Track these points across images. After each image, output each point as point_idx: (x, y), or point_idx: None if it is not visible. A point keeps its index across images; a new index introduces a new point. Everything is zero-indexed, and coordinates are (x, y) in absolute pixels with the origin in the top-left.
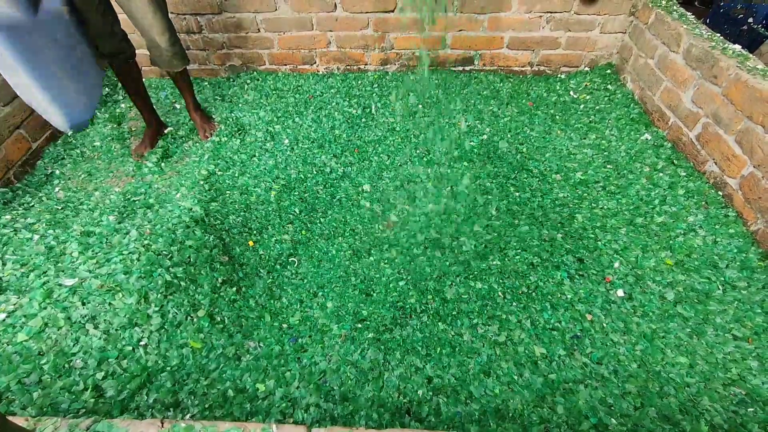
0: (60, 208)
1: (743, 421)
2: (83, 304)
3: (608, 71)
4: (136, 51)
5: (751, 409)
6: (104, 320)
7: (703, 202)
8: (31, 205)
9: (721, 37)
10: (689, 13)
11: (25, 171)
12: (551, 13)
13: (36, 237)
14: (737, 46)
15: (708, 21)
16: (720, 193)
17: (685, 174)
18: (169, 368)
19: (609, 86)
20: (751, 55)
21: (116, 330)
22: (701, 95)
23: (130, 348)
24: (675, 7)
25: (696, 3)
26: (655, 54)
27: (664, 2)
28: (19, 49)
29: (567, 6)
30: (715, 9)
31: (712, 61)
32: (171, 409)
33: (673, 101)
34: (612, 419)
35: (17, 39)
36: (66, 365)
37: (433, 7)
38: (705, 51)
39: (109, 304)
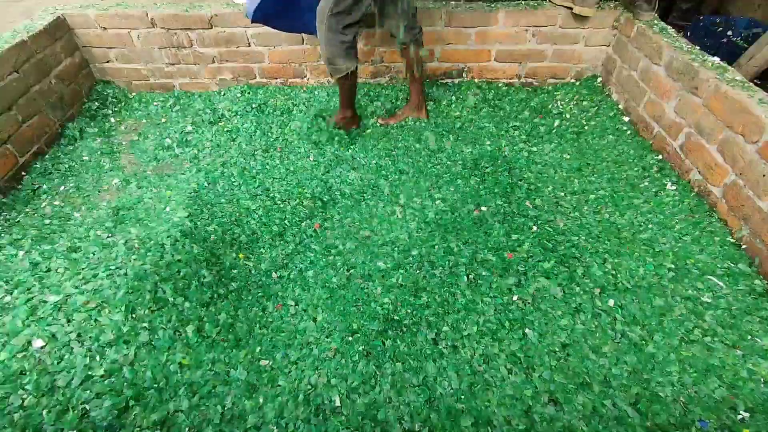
0: (47, 223)
1: (734, 428)
2: (68, 321)
3: (594, 83)
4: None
5: (740, 416)
6: (90, 337)
7: (689, 211)
8: (16, 220)
9: (701, 50)
10: (670, 27)
11: (11, 186)
12: (537, 27)
13: (21, 253)
14: (716, 59)
15: (689, 34)
16: (704, 201)
17: (670, 183)
18: (156, 386)
19: (594, 97)
20: (729, 67)
21: (102, 347)
22: (683, 106)
23: (117, 366)
24: (656, 21)
25: (673, 16)
26: (638, 66)
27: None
28: None
29: (552, 20)
30: (695, 22)
31: (692, 73)
32: (158, 428)
33: (657, 112)
34: (603, 429)
35: None
36: (49, 384)
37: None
38: (685, 63)
39: (95, 320)
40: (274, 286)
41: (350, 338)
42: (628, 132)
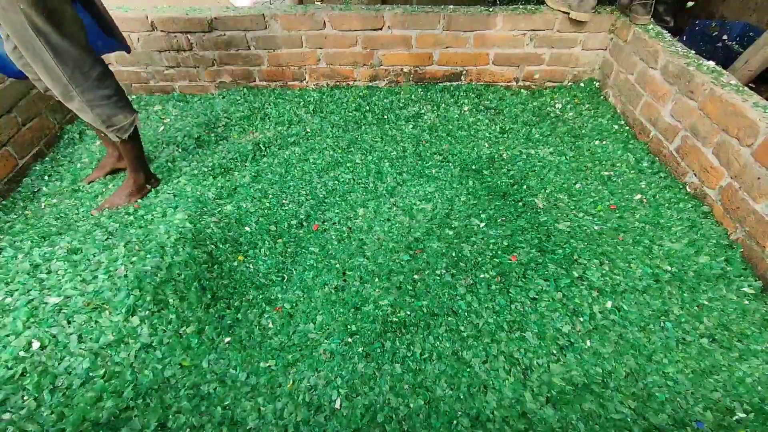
0: (46, 225)
1: (731, 429)
2: (69, 322)
3: (591, 86)
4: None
5: (736, 417)
6: (90, 338)
7: (685, 213)
8: (16, 222)
9: (696, 54)
10: (665, 31)
11: (11, 189)
12: (534, 31)
13: (21, 255)
14: (711, 63)
15: (685, 38)
16: (700, 203)
17: (666, 185)
18: (156, 387)
19: (592, 100)
20: (724, 71)
21: (102, 349)
22: (679, 109)
23: (117, 367)
24: (652, 26)
25: (663, 16)
26: (635, 70)
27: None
28: None
29: (550, 24)
30: (691, 27)
31: (688, 77)
32: (158, 430)
33: (653, 115)
34: (601, 430)
35: None
36: (50, 386)
37: None
38: (681, 67)
39: (96, 322)
40: (273, 288)
41: (349, 340)
42: (625, 135)
